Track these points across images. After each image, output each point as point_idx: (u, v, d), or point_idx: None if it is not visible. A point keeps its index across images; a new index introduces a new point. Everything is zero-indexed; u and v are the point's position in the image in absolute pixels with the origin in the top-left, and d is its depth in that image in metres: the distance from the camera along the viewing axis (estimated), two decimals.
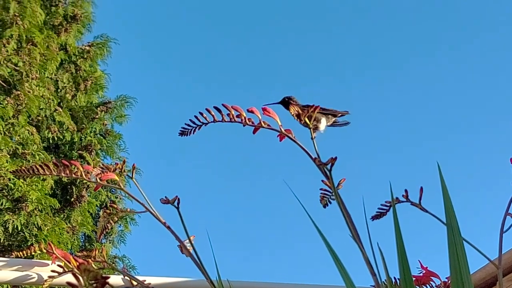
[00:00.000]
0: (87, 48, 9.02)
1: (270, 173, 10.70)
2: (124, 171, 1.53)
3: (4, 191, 7.27)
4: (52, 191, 7.92)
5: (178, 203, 1.45)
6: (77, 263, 1.48)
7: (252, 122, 1.45)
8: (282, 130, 1.44)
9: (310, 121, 1.45)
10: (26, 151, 7.72)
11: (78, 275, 0.88)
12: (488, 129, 11.28)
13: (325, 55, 12.34)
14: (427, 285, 1.87)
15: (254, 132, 1.46)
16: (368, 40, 12.23)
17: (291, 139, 1.44)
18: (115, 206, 1.53)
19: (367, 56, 12.18)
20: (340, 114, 1.75)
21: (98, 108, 8.84)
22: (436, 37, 12.10)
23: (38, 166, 1.47)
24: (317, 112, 1.52)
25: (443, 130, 11.60)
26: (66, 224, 7.89)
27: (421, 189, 1.50)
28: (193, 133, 1.48)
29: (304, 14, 12.45)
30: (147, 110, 10.48)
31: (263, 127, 1.45)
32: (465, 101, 11.70)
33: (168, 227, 1.46)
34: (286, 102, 1.87)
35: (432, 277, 1.86)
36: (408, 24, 12.31)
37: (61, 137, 8.38)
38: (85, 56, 8.94)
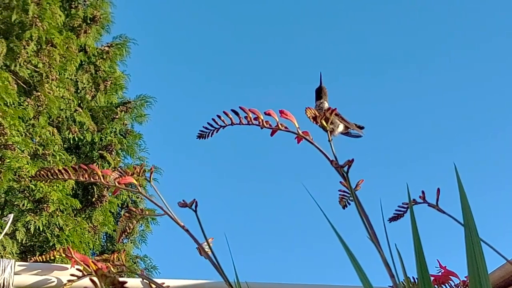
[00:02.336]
0: (106, 48, 9.05)
1: (288, 175, 10.69)
2: (142, 173, 1.53)
3: (25, 192, 7.32)
4: (73, 192, 7.96)
5: (196, 206, 1.46)
6: (94, 268, 1.49)
7: (270, 125, 1.45)
8: (300, 132, 1.44)
9: (327, 123, 1.45)
10: (46, 151, 7.77)
11: (95, 281, 0.89)
12: (507, 130, 11.22)
13: (346, 55, 12.31)
14: (446, 285, 1.87)
15: (272, 135, 1.46)
16: (388, 39, 12.19)
17: (308, 141, 1.44)
18: (134, 209, 1.54)
19: (386, 56, 12.15)
20: (354, 128, 1.75)
21: (118, 108, 8.87)
22: (456, 38, 12.05)
23: (56, 171, 1.48)
24: (335, 117, 1.52)
25: (461, 132, 11.56)
26: (88, 224, 7.92)
27: (438, 190, 1.50)
28: (211, 136, 1.49)
29: (319, 13, 12.43)
30: (166, 110, 10.51)
31: (281, 130, 1.45)
32: (482, 103, 11.64)
33: (187, 230, 1.47)
34: (319, 91, 1.87)
35: (451, 277, 1.85)
36: (429, 24, 12.25)
37: (82, 137, 8.42)
38: (104, 57, 8.97)
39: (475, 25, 12.15)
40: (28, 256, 7.16)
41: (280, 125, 1.45)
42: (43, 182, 6.06)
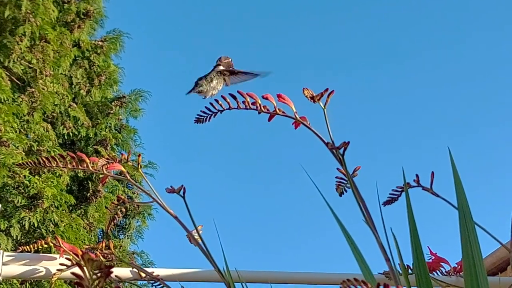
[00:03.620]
0: (100, 43, 9.00)
1: (287, 165, 10.70)
2: (129, 161, 1.51)
3: (19, 188, 7.29)
4: (68, 187, 7.93)
5: (184, 193, 1.44)
6: (81, 254, 1.47)
7: (268, 109, 1.44)
8: (297, 117, 1.43)
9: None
10: (41, 147, 7.74)
11: (83, 266, 0.88)
12: (502, 120, 11.23)
13: (339, 48, 12.32)
14: (437, 271, 1.86)
15: (269, 120, 1.44)
16: (387, 30, 12.22)
17: (305, 125, 1.42)
18: (122, 197, 1.52)
19: (383, 47, 12.15)
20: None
21: (113, 103, 8.83)
22: (455, 29, 12.06)
23: (44, 159, 1.46)
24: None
25: (457, 120, 11.57)
26: (83, 220, 7.89)
27: (432, 173, 1.49)
28: (209, 121, 1.48)
29: (314, 8, 12.44)
30: (162, 104, 10.48)
31: (278, 114, 1.43)
32: (479, 92, 11.65)
33: (176, 217, 1.45)
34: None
35: (441, 263, 1.84)
36: (424, 16, 12.25)
37: (76, 133, 8.39)
38: (98, 52, 8.93)
39: (477, 17, 12.17)
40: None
41: (277, 110, 1.43)
42: (37, 178, 5.99)
